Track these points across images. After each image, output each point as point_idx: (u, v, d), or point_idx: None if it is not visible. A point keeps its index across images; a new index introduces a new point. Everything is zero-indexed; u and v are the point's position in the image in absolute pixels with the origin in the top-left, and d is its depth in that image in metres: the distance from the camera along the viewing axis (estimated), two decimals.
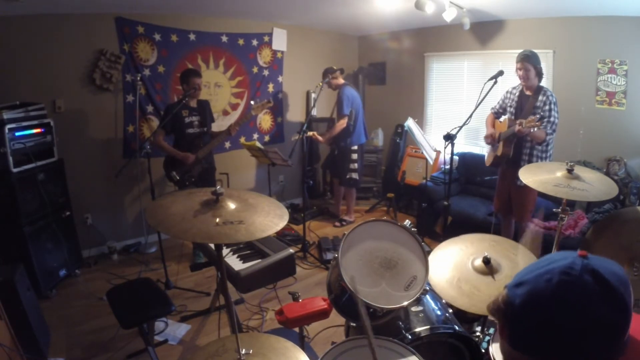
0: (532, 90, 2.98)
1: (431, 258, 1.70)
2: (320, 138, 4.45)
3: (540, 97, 2.91)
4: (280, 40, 4.88)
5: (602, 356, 0.65)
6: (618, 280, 0.65)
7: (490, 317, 1.56)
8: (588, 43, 3.62)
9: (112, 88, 3.82)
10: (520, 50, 2.98)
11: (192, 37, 4.22)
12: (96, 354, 2.54)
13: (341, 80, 4.38)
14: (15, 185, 2.98)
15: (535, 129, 2.71)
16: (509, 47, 4.02)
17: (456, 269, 1.62)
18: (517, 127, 2.79)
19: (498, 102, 3.28)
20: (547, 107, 2.87)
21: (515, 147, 3.01)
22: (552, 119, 2.86)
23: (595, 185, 1.83)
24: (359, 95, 4.49)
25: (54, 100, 3.58)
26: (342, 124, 4.28)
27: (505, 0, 3.60)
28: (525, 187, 2.99)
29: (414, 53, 5.10)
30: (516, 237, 3.24)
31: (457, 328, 1.66)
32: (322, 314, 1.76)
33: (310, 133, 4.33)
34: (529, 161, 2.98)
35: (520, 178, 1.97)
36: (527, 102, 3.00)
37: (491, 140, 3.21)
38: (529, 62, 2.89)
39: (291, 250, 2.27)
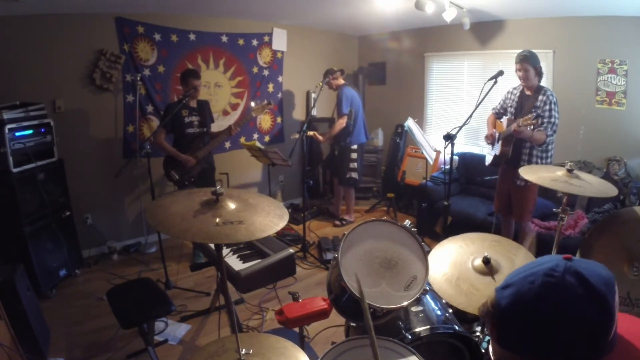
0: (533, 90, 2.98)
1: (431, 255, 1.70)
2: (320, 137, 4.45)
3: (540, 97, 2.91)
4: (280, 40, 4.88)
5: (587, 355, 0.66)
6: (601, 281, 0.67)
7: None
8: (588, 43, 3.62)
9: (112, 88, 3.82)
10: (520, 51, 2.98)
11: (192, 37, 4.22)
12: (96, 354, 2.54)
13: (341, 81, 4.38)
14: (15, 185, 2.98)
15: (531, 127, 2.73)
16: (509, 47, 4.02)
17: (456, 267, 1.62)
18: (513, 127, 2.80)
19: (499, 103, 3.28)
20: (547, 107, 2.86)
21: (514, 147, 3.01)
22: (552, 119, 2.86)
23: (593, 183, 1.87)
24: (358, 95, 4.49)
25: (54, 100, 3.58)
26: (342, 123, 4.28)
27: (505, 0, 3.60)
28: (525, 187, 3.02)
29: (414, 53, 5.10)
30: (516, 237, 3.25)
31: (457, 328, 1.66)
32: (322, 314, 1.76)
33: (310, 133, 4.34)
34: (529, 161, 2.98)
35: (521, 175, 2.00)
36: (527, 102, 3.00)
37: (491, 140, 3.22)
38: (527, 62, 2.89)
39: (291, 250, 2.27)
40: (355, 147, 4.47)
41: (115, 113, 3.92)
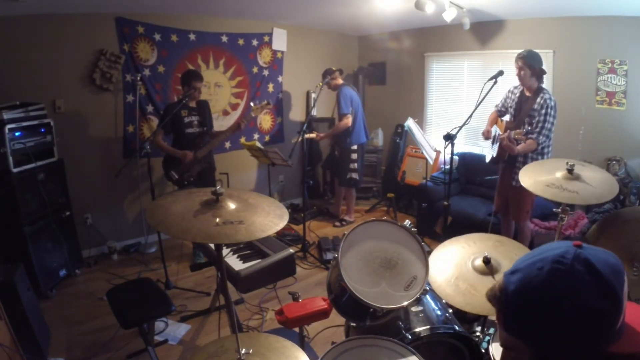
0: (532, 91, 2.97)
1: (433, 255, 1.70)
2: (319, 135, 4.47)
3: (538, 100, 2.89)
4: (280, 40, 4.88)
5: (593, 343, 0.66)
6: (610, 269, 0.66)
7: (487, 315, 1.55)
8: (588, 43, 3.62)
9: (112, 88, 3.82)
10: (520, 50, 2.97)
11: (192, 37, 4.22)
12: (96, 354, 2.54)
13: (340, 81, 4.38)
14: (15, 185, 2.98)
15: (522, 143, 2.81)
16: (509, 47, 4.02)
17: (456, 267, 1.62)
18: (504, 142, 2.84)
19: (501, 101, 3.27)
20: (543, 111, 2.85)
21: None
22: (546, 124, 2.84)
23: (594, 186, 1.82)
24: (357, 95, 4.49)
25: (54, 100, 3.58)
26: (346, 123, 4.28)
27: (505, 0, 3.60)
28: (522, 188, 3.01)
29: (414, 53, 5.10)
30: (516, 238, 3.24)
31: (457, 328, 1.66)
32: (322, 314, 1.76)
33: (309, 135, 4.35)
34: (524, 162, 2.98)
35: (520, 178, 1.97)
36: (525, 103, 2.99)
37: (487, 136, 3.25)
38: (524, 62, 2.88)
39: (291, 250, 2.27)
40: (355, 147, 4.47)
41: (115, 113, 3.92)
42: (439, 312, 1.76)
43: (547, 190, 1.82)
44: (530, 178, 1.93)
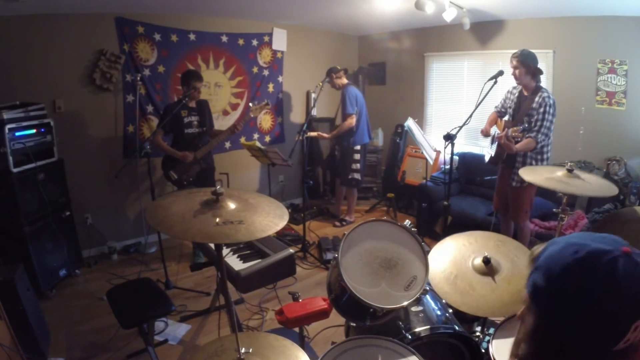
0: (530, 91, 2.97)
1: (433, 251, 1.70)
2: (325, 135, 4.49)
3: (536, 99, 2.88)
4: (280, 40, 4.88)
5: (600, 345, 0.65)
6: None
7: (485, 316, 1.54)
8: (588, 43, 3.62)
9: (112, 88, 3.82)
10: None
11: (192, 37, 4.22)
12: (96, 354, 2.54)
13: (345, 80, 4.38)
14: (15, 185, 2.98)
15: (520, 140, 2.79)
16: (509, 47, 4.00)
17: (455, 265, 1.63)
18: (502, 140, 2.83)
19: (500, 102, 3.27)
20: (541, 110, 2.84)
21: None
22: (545, 122, 2.83)
23: (592, 183, 1.89)
24: (362, 95, 4.49)
25: (54, 100, 3.58)
26: (351, 122, 4.28)
27: (505, 0, 3.60)
28: (520, 188, 3.03)
29: (414, 53, 5.10)
30: (515, 238, 3.24)
31: (457, 328, 1.66)
32: (322, 314, 1.77)
33: (312, 134, 4.35)
34: (524, 162, 2.98)
35: (521, 175, 2.03)
36: (524, 103, 2.99)
37: (485, 134, 3.26)
38: (518, 60, 2.87)
39: (291, 250, 2.27)
40: (358, 147, 4.47)
41: (115, 113, 3.92)
42: (439, 312, 1.76)
43: (548, 181, 1.90)
44: (531, 174, 2.03)
